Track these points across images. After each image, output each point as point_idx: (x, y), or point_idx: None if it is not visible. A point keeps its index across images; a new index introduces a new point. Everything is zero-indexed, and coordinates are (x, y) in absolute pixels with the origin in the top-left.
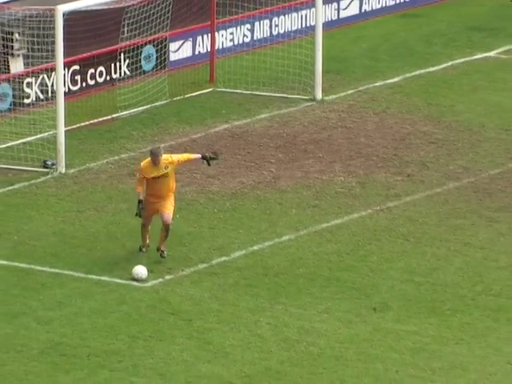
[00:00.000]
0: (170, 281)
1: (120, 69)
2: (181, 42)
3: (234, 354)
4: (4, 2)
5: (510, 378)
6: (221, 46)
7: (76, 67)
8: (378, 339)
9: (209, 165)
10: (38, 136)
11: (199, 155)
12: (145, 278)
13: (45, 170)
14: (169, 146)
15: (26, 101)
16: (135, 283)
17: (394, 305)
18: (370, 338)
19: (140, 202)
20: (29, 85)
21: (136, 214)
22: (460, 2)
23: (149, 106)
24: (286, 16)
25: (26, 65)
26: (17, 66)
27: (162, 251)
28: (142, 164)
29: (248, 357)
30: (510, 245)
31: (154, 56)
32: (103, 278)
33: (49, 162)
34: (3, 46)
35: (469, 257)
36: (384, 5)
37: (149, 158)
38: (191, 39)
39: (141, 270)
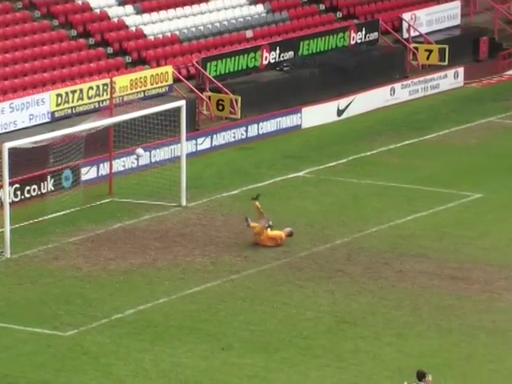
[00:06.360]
0: (82, 331)
1: (47, 186)
2: (89, 167)
3: (127, 381)
4: None
5: None
6: (116, 170)
7: (17, 185)
8: (225, 369)
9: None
10: None
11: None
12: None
13: None
14: (80, 238)
15: None
16: (58, 333)
17: (236, 345)
18: (220, 368)
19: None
20: None
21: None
22: (278, 140)
23: (68, 210)
24: (160, 149)
25: None
26: None
27: None
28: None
29: (136, 383)
30: (315, 303)
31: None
32: (36, 329)
33: None
34: None
35: (286, 312)
36: (227, 140)
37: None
38: (96, 165)
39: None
